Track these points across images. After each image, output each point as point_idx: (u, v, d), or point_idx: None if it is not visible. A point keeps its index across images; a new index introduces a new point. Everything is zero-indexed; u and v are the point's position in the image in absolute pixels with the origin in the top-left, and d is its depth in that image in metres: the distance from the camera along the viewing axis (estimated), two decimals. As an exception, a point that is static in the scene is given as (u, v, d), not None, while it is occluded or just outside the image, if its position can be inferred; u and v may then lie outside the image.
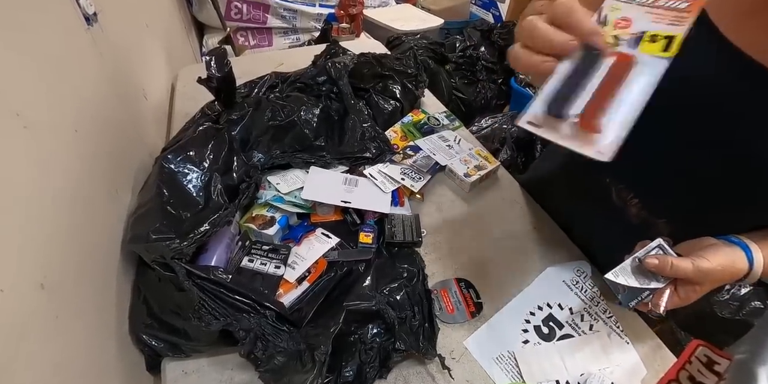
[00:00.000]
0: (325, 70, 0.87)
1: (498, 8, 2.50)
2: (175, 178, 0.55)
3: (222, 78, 0.71)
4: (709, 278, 0.41)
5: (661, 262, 0.42)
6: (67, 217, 0.42)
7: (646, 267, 0.43)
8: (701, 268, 0.41)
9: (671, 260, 0.42)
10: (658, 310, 0.42)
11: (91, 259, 0.46)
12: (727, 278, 0.42)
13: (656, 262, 0.43)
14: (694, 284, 0.42)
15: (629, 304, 0.43)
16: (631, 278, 0.43)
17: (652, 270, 0.43)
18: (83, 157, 0.49)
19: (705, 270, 0.41)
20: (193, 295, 0.44)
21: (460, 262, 0.63)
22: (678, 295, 0.43)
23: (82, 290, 0.43)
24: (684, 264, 0.41)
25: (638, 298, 0.43)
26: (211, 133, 0.64)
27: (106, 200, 0.53)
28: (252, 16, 1.77)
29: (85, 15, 0.61)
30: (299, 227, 0.63)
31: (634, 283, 0.43)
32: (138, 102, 0.76)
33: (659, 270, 0.42)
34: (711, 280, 0.42)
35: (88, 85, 0.56)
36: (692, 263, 0.41)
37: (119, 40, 0.73)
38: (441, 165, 0.76)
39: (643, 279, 0.43)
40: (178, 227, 0.52)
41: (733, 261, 0.41)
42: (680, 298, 0.43)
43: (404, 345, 0.48)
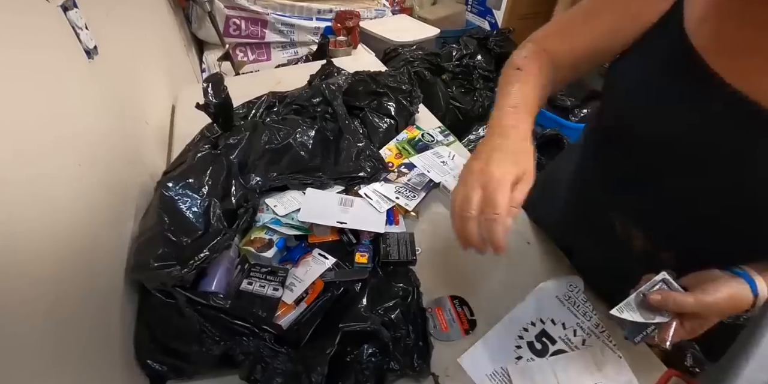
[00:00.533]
0: (319, 92, 0.89)
1: (494, 15, 2.52)
2: (175, 206, 0.57)
3: (219, 104, 0.73)
4: (713, 311, 0.42)
5: (663, 298, 0.42)
6: (71, 251, 0.44)
7: (650, 303, 0.43)
8: (704, 302, 0.41)
9: (674, 296, 0.42)
10: (664, 345, 0.43)
11: (96, 287, 0.48)
12: (731, 310, 0.42)
13: (659, 298, 0.43)
14: (700, 318, 0.43)
15: (635, 340, 0.44)
16: (636, 313, 0.44)
17: (656, 306, 0.43)
18: (87, 190, 0.51)
19: (708, 304, 0.41)
20: (193, 321, 0.46)
21: (454, 279, 0.65)
22: (684, 328, 0.43)
23: (87, 320, 0.45)
24: (687, 299, 0.41)
25: (644, 333, 0.44)
26: (209, 159, 0.66)
27: (109, 230, 0.55)
28: (250, 32, 1.81)
29: (86, 49, 0.64)
30: (297, 248, 0.65)
31: (639, 318, 0.44)
32: (140, 128, 0.79)
33: (662, 306, 0.43)
34: (716, 313, 0.42)
35: (91, 118, 0.59)
36: (695, 298, 0.41)
37: (120, 70, 0.76)
38: (435, 182, 0.78)
39: (648, 314, 0.44)
40: (179, 254, 0.54)
41: (737, 293, 0.41)
42: (686, 331, 0.43)
43: (398, 365, 0.49)
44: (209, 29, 1.69)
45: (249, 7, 1.74)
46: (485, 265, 0.67)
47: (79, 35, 0.62)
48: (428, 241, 0.70)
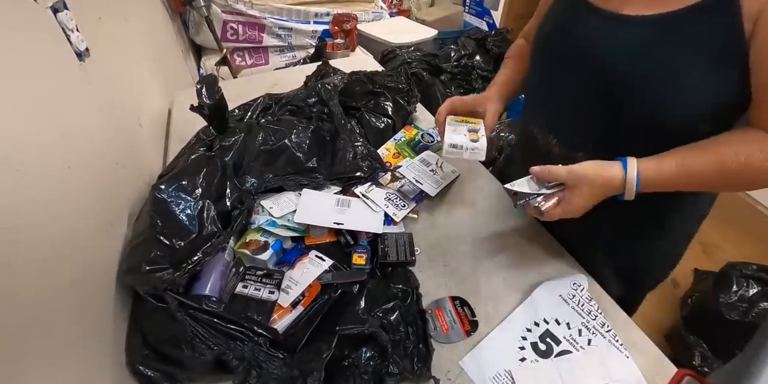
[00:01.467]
0: (315, 92, 0.88)
1: (491, 16, 2.52)
2: (168, 208, 0.56)
3: (213, 105, 0.73)
4: (583, 180, 0.50)
5: (541, 168, 0.52)
6: (60, 255, 0.43)
7: (532, 173, 0.53)
8: (573, 170, 0.50)
9: (549, 166, 0.52)
10: (542, 208, 0.52)
11: (88, 293, 0.47)
12: (601, 181, 0.49)
13: (538, 168, 0.53)
14: (574, 188, 0.51)
15: (517, 203, 0.54)
16: (525, 187, 0.54)
17: (536, 175, 0.53)
18: (76, 193, 0.50)
19: (577, 171, 0.50)
20: (185, 326, 0.45)
21: (455, 279, 0.63)
22: (565, 200, 0.51)
23: (78, 327, 0.44)
24: (559, 168, 0.51)
25: (526, 199, 0.54)
26: (203, 161, 0.65)
27: (101, 234, 0.54)
28: (248, 37, 1.81)
29: (77, 51, 0.63)
30: (293, 251, 0.63)
31: (526, 189, 0.54)
32: (133, 131, 0.78)
33: (540, 175, 0.52)
34: (587, 184, 0.50)
35: (81, 120, 0.58)
36: (566, 169, 0.51)
37: (112, 72, 0.75)
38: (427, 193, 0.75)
39: (536, 187, 0.54)
40: (172, 257, 0.52)
41: (605, 166, 0.50)
42: (566, 202, 0.51)
43: (398, 368, 0.48)
44: (207, 34, 1.69)
45: (246, 12, 1.74)
46: (486, 265, 0.66)
47: (69, 37, 0.62)
48: (428, 241, 0.69)
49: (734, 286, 1.02)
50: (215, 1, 1.67)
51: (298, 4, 1.85)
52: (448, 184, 0.79)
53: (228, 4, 1.70)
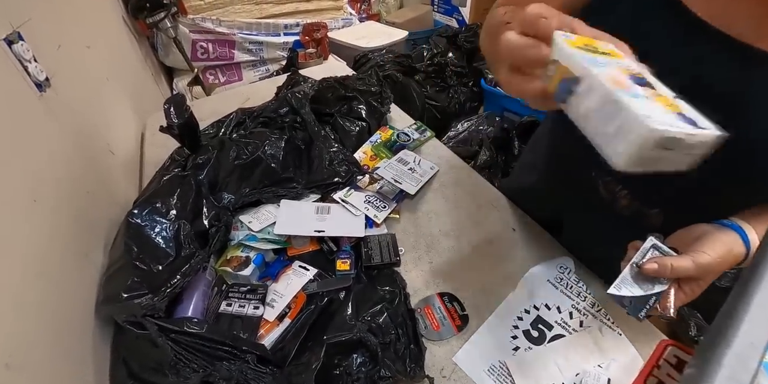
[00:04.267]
0: (286, 101, 0.88)
1: (460, 13, 2.54)
2: (143, 232, 0.56)
3: (183, 124, 0.72)
4: (712, 272, 0.40)
5: (660, 266, 0.41)
6: (33, 290, 0.42)
7: (646, 273, 0.41)
8: (701, 263, 0.39)
9: (670, 263, 0.40)
10: (668, 314, 0.41)
11: (65, 327, 0.46)
12: (727, 266, 0.41)
13: (655, 266, 0.41)
14: (698, 279, 0.41)
15: (639, 316, 0.42)
16: (635, 287, 0.42)
17: (653, 274, 0.41)
18: (45, 226, 0.49)
19: (705, 265, 0.39)
20: (166, 351, 0.44)
21: (441, 275, 0.63)
22: (683, 292, 0.42)
23: (56, 362, 0.43)
24: (684, 263, 0.40)
25: (647, 307, 0.42)
26: (176, 181, 0.64)
27: (75, 265, 0.53)
28: (218, 54, 1.81)
29: (36, 82, 0.62)
30: (276, 263, 0.63)
31: (639, 291, 0.42)
32: (104, 158, 0.77)
33: (660, 274, 0.41)
34: (714, 274, 0.41)
35: (46, 152, 0.57)
36: (692, 261, 0.39)
37: (77, 101, 0.74)
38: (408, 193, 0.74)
39: (646, 284, 0.42)
40: (150, 282, 0.52)
41: (731, 248, 0.40)
42: (686, 294, 0.42)
43: (389, 371, 0.47)
44: (176, 55, 1.68)
45: (215, 29, 1.74)
46: (472, 258, 0.65)
47: (27, 68, 0.61)
48: (411, 240, 0.68)
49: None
50: (182, 22, 1.67)
51: (267, 17, 1.86)
52: (428, 181, 0.79)
53: (195, 23, 1.70)
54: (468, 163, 0.88)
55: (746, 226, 0.41)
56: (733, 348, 0.18)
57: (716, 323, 0.25)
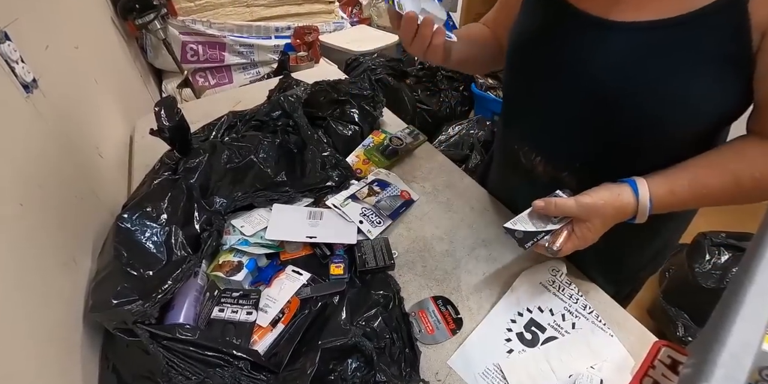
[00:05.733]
0: (278, 105, 0.88)
1: (451, 17, 2.57)
2: (133, 237, 0.55)
3: (174, 127, 0.71)
4: (595, 213, 0.45)
5: (546, 203, 0.47)
6: (18, 296, 0.41)
7: (536, 210, 0.47)
8: (583, 203, 0.45)
9: (555, 200, 0.46)
10: (553, 247, 0.46)
11: (52, 335, 0.45)
12: (613, 212, 0.45)
13: (542, 204, 0.47)
14: (584, 221, 0.46)
15: (525, 246, 0.48)
16: (528, 224, 0.48)
17: (540, 212, 0.47)
18: (32, 231, 0.48)
19: (587, 205, 0.45)
20: (158, 358, 0.43)
21: (435, 279, 0.63)
22: (575, 234, 0.47)
23: (43, 371, 0.41)
24: (567, 202, 0.45)
25: (534, 240, 0.47)
26: (167, 185, 0.63)
27: (63, 271, 0.52)
28: (209, 56, 1.80)
29: (23, 83, 0.61)
30: (268, 268, 0.62)
31: (531, 227, 0.47)
32: (93, 161, 0.75)
33: (546, 210, 0.47)
34: (598, 215, 0.45)
35: (33, 154, 0.56)
36: (575, 200, 0.45)
37: (65, 103, 0.73)
38: (408, 206, 0.74)
39: (540, 224, 0.48)
40: (141, 288, 0.51)
41: (617, 194, 0.45)
42: (577, 237, 0.47)
43: (385, 376, 0.47)
44: (166, 57, 1.66)
45: (205, 31, 1.73)
46: (465, 261, 0.66)
47: (14, 69, 0.60)
48: (404, 244, 0.69)
49: (707, 255, 1.05)
50: (172, 23, 1.65)
51: (258, 19, 1.85)
52: (422, 185, 0.80)
53: (185, 25, 1.68)
54: (459, 166, 0.89)
55: (639, 179, 0.46)
56: (728, 347, 0.18)
57: (710, 323, 0.26)
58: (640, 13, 0.42)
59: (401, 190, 0.76)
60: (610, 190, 0.46)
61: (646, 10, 0.42)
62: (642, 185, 0.45)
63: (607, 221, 0.46)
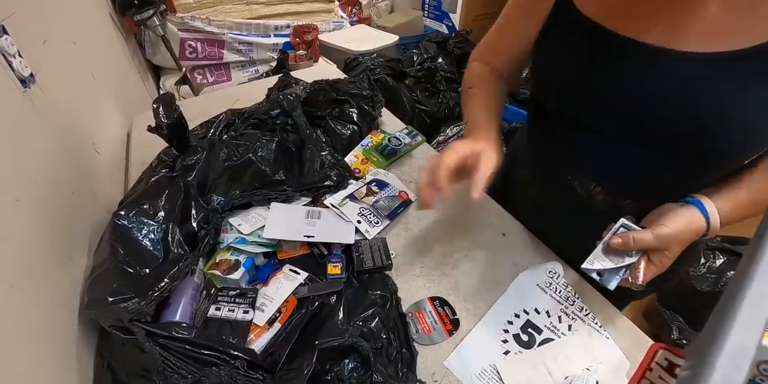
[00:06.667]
0: (277, 103, 0.87)
1: (450, 19, 2.58)
2: (130, 234, 0.54)
3: (172, 124, 0.70)
4: (673, 242, 0.45)
5: (624, 239, 0.46)
6: (13, 293, 0.41)
7: (613, 247, 0.46)
8: (661, 235, 0.45)
9: (632, 235, 0.45)
10: (638, 282, 0.45)
11: (47, 332, 0.45)
12: (689, 237, 0.46)
13: (619, 240, 0.46)
14: (663, 250, 0.46)
15: (611, 285, 0.47)
16: (606, 261, 0.47)
17: (620, 248, 0.46)
18: (27, 227, 0.47)
19: (665, 236, 0.45)
20: (154, 356, 0.43)
21: (432, 279, 0.63)
22: (653, 263, 0.46)
23: (37, 369, 0.41)
24: (645, 235, 0.45)
25: (617, 277, 0.47)
26: (164, 182, 0.63)
27: (58, 268, 0.51)
28: (207, 54, 1.79)
29: (20, 78, 0.60)
30: (266, 267, 0.62)
31: (610, 264, 0.46)
32: (89, 158, 0.75)
33: (625, 246, 0.46)
34: (676, 243, 0.45)
35: (29, 150, 0.55)
36: (652, 233, 0.45)
37: (62, 98, 0.72)
38: (406, 207, 0.74)
39: (617, 258, 0.47)
40: (137, 286, 0.50)
41: (689, 221, 0.45)
42: (656, 265, 0.46)
43: (381, 376, 0.47)
44: (164, 54, 1.65)
45: (204, 29, 1.72)
46: (463, 262, 0.66)
47: (11, 63, 0.59)
48: (402, 244, 0.69)
49: (702, 259, 1.06)
50: (171, 20, 1.64)
51: (257, 18, 1.84)
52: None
53: (184, 21, 1.67)
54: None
55: (704, 199, 0.47)
56: (726, 350, 0.19)
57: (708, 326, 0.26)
58: (705, 44, 0.41)
59: (399, 191, 0.76)
60: (682, 217, 0.46)
61: (712, 41, 0.41)
62: (709, 206, 0.46)
63: (684, 246, 0.46)
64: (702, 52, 0.41)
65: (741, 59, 0.40)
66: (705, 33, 0.41)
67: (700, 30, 0.41)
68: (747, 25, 0.40)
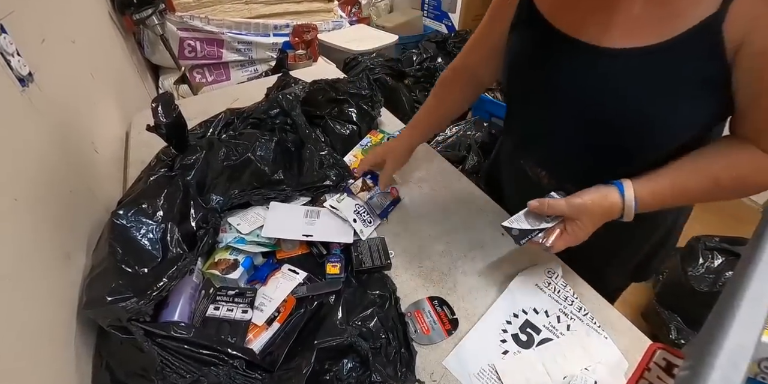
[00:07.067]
0: (276, 103, 0.87)
1: (450, 19, 2.58)
2: (128, 234, 0.54)
3: (171, 124, 0.70)
4: (584, 212, 0.49)
5: (540, 203, 0.51)
6: (11, 292, 0.41)
7: (531, 210, 0.52)
8: (573, 203, 0.49)
9: (548, 200, 0.51)
10: (546, 244, 0.51)
11: (45, 331, 0.45)
12: (600, 211, 0.49)
13: (536, 204, 0.52)
14: (574, 219, 0.50)
15: (521, 242, 0.53)
16: (524, 223, 0.53)
17: (534, 211, 0.52)
18: (26, 226, 0.47)
19: (577, 204, 0.49)
20: (153, 355, 0.43)
21: (431, 279, 0.63)
22: (567, 232, 0.51)
23: (35, 368, 0.41)
24: (558, 202, 0.50)
25: (528, 236, 0.52)
26: (163, 182, 0.63)
27: (57, 267, 0.51)
28: (206, 53, 1.79)
29: (18, 77, 0.60)
30: (265, 266, 0.62)
31: (525, 225, 0.52)
32: (88, 157, 0.75)
33: (540, 210, 0.51)
34: (587, 213, 0.49)
35: (28, 149, 0.55)
36: (565, 201, 0.50)
37: (61, 97, 0.72)
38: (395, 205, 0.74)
39: (534, 222, 0.52)
40: (136, 285, 0.50)
41: (604, 195, 0.49)
42: (568, 233, 0.51)
43: (380, 376, 0.47)
44: (163, 53, 1.65)
45: (203, 28, 1.72)
46: (462, 262, 0.66)
47: (10, 62, 0.59)
48: (401, 244, 0.69)
49: (700, 259, 1.06)
50: (170, 19, 1.64)
51: (257, 17, 1.84)
52: (419, 186, 0.80)
53: (184, 21, 1.67)
54: (456, 167, 0.89)
55: (625, 181, 0.50)
56: (725, 350, 0.19)
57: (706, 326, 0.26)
58: (629, 40, 0.45)
59: (391, 187, 0.76)
60: (598, 191, 0.50)
61: (634, 37, 0.45)
62: (628, 187, 0.49)
63: (596, 220, 0.50)
64: (624, 48, 0.45)
65: (650, 54, 0.44)
66: (628, 30, 0.45)
67: (625, 27, 0.45)
68: (656, 23, 0.43)
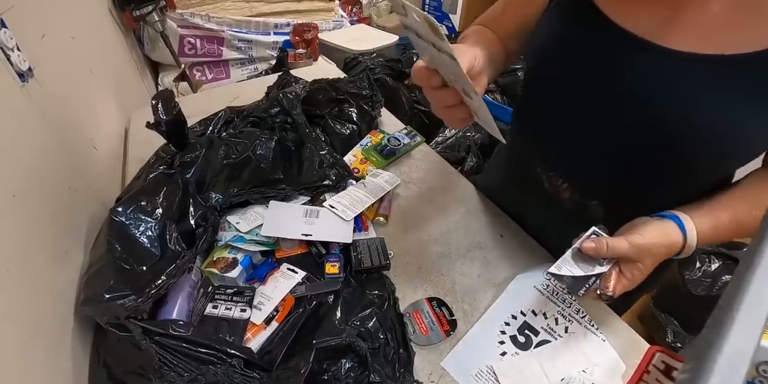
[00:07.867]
0: (277, 102, 0.87)
1: (450, 20, 2.59)
2: (127, 231, 0.54)
3: (171, 121, 0.70)
4: (647, 254, 0.42)
5: (597, 245, 0.43)
6: (8, 289, 0.40)
7: (585, 253, 0.44)
8: (636, 244, 0.42)
9: (606, 241, 0.43)
10: (608, 293, 0.43)
11: (42, 328, 0.44)
12: (664, 251, 0.43)
13: (593, 245, 0.43)
14: (635, 262, 0.43)
15: (579, 293, 0.44)
16: (575, 268, 0.44)
17: (590, 254, 0.44)
18: (24, 222, 0.47)
19: (640, 245, 0.42)
20: (151, 354, 0.43)
21: (430, 280, 0.63)
22: (624, 276, 0.44)
23: (31, 365, 0.41)
24: (620, 243, 0.42)
25: (586, 286, 0.44)
26: (162, 179, 0.63)
27: (54, 264, 0.51)
28: (206, 51, 1.78)
29: (18, 72, 0.60)
30: (263, 265, 0.62)
31: (579, 272, 0.44)
32: (87, 153, 0.74)
33: (597, 252, 0.43)
34: (650, 256, 0.43)
35: (26, 145, 0.55)
36: (627, 241, 0.42)
37: (60, 93, 0.72)
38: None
39: (587, 266, 0.44)
40: (134, 283, 0.50)
41: (666, 234, 0.43)
42: (627, 278, 0.44)
43: (379, 376, 0.47)
44: (163, 50, 1.65)
45: (203, 25, 1.71)
46: (460, 263, 0.66)
47: (9, 57, 0.59)
48: (400, 245, 0.69)
49: (697, 263, 1.07)
50: (170, 16, 1.64)
51: (257, 15, 1.84)
52: (419, 186, 0.80)
53: (184, 18, 1.66)
54: (455, 168, 0.89)
55: (683, 215, 0.44)
56: (724, 354, 0.19)
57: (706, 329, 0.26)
58: (701, 44, 0.39)
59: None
60: (657, 228, 0.43)
61: (709, 42, 0.38)
62: (688, 223, 0.43)
63: (657, 261, 0.43)
64: (689, 52, 0.39)
65: (732, 65, 0.38)
66: (702, 31, 0.39)
67: (698, 28, 0.39)
68: (748, 29, 0.37)
